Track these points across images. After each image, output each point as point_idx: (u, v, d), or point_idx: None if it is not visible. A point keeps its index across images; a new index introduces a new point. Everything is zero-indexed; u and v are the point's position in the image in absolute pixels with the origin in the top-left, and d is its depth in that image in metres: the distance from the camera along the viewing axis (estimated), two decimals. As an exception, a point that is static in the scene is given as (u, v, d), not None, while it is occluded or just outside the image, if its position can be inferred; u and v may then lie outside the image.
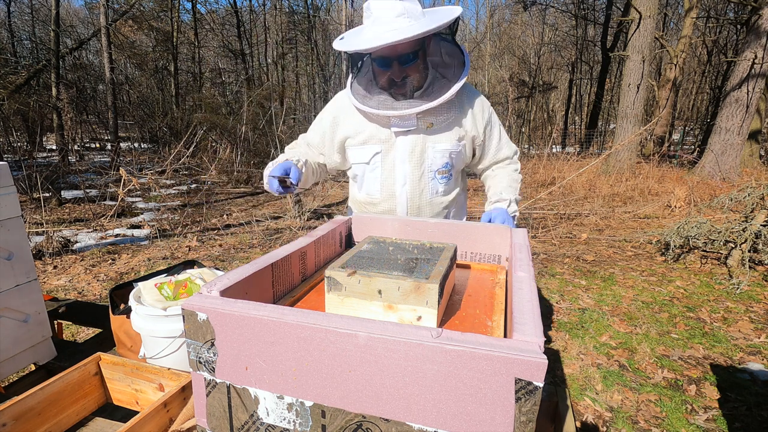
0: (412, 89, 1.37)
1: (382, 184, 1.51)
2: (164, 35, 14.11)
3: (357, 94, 1.45)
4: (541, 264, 4.41)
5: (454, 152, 1.47)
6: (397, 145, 1.46)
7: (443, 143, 1.45)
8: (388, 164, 1.48)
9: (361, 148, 1.49)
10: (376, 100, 1.41)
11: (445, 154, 1.46)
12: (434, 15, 1.34)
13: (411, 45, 1.30)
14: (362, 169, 1.53)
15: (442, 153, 1.46)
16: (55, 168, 8.57)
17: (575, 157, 9.75)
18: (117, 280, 3.90)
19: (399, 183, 1.49)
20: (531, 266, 0.79)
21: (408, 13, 1.27)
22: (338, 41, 1.39)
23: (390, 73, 1.35)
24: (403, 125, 1.42)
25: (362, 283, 0.72)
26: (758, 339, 2.94)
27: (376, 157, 1.49)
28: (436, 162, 1.46)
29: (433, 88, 1.38)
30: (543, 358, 0.49)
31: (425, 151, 1.45)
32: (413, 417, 0.56)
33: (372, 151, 1.48)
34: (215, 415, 0.67)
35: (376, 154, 1.48)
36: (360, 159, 1.51)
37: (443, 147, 1.45)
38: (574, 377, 2.55)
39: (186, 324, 0.64)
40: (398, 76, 1.35)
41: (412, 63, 1.33)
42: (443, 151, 1.46)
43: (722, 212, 4.68)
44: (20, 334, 1.21)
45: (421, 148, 1.45)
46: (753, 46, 8.04)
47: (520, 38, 22.73)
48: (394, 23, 1.27)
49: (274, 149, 7.84)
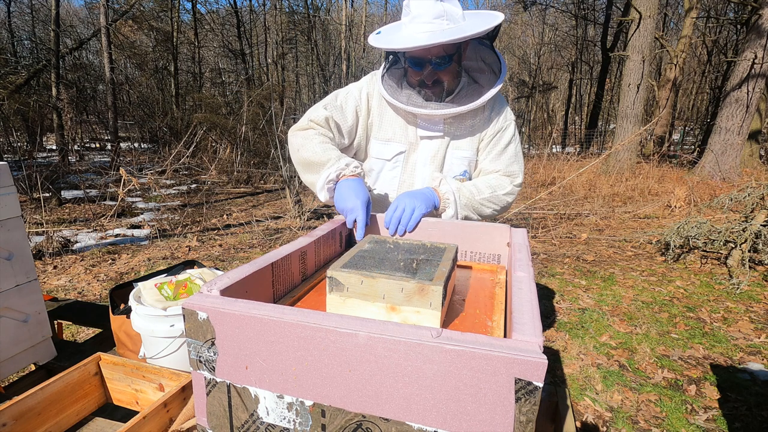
0: (443, 92, 1.33)
1: (400, 184, 1.47)
2: (164, 35, 14.11)
3: (387, 86, 1.39)
4: (541, 264, 4.41)
5: (473, 160, 1.44)
6: (421, 147, 1.42)
7: (464, 150, 1.42)
8: (409, 166, 1.45)
9: (386, 144, 1.44)
10: (406, 94, 1.36)
11: (464, 161, 1.43)
12: (475, 19, 1.29)
13: (446, 48, 1.25)
14: (381, 166, 1.47)
15: (461, 160, 1.42)
16: (55, 168, 8.58)
17: (575, 157, 9.75)
18: (117, 280, 3.90)
19: (417, 186, 1.44)
20: (531, 266, 0.79)
21: (447, 15, 1.22)
22: (374, 36, 1.35)
23: (422, 74, 1.31)
24: (430, 128, 1.38)
25: (365, 284, 0.72)
26: (758, 339, 2.94)
27: (398, 157, 1.44)
28: (454, 168, 1.43)
29: (464, 92, 1.35)
30: (543, 358, 0.49)
31: (446, 156, 1.42)
32: (413, 417, 0.56)
33: (396, 150, 1.43)
34: (215, 415, 0.67)
35: (400, 154, 1.43)
36: (382, 155, 1.45)
37: (463, 154, 1.42)
38: (574, 377, 2.55)
39: (186, 323, 0.64)
40: (430, 78, 1.31)
41: (446, 66, 1.29)
42: (463, 158, 1.42)
43: (722, 212, 4.68)
44: (20, 334, 1.21)
45: (443, 152, 1.41)
46: (753, 46, 8.04)
47: (520, 38, 22.74)
48: (431, 25, 1.23)
49: (274, 149, 7.84)
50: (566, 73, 21.30)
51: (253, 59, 17.38)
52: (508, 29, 22.89)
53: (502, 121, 1.43)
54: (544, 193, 6.58)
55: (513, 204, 1.56)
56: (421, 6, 1.23)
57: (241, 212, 6.72)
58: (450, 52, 1.26)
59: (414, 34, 1.24)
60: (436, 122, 1.39)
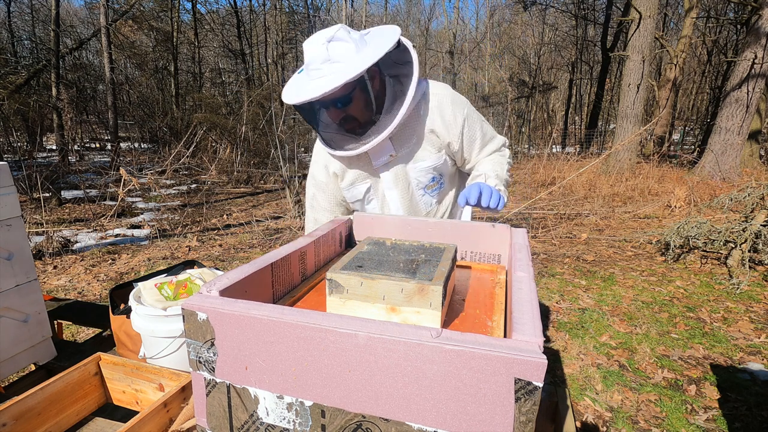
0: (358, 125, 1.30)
1: (381, 210, 1.51)
2: (164, 35, 14.11)
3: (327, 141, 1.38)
4: (541, 264, 4.41)
5: (438, 165, 1.42)
6: (382, 176, 1.43)
7: (424, 161, 1.40)
8: (380, 195, 1.48)
9: (353, 188, 1.47)
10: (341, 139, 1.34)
11: (428, 170, 1.42)
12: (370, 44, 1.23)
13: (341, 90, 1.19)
14: (360, 207, 1.52)
15: (425, 171, 1.41)
16: (55, 168, 8.58)
17: (575, 157, 9.75)
18: (117, 280, 3.90)
19: (393, 209, 1.47)
20: (531, 266, 0.79)
21: (333, 58, 1.16)
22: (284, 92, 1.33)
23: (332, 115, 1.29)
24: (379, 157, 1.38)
25: (364, 286, 0.72)
26: (758, 339, 2.94)
27: (369, 193, 1.48)
28: (422, 181, 1.43)
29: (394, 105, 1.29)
30: (542, 358, 0.49)
31: (408, 174, 1.42)
32: (413, 417, 0.56)
33: (363, 188, 1.47)
34: (215, 415, 0.67)
35: (368, 191, 1.47)
36: (356, 197, 1.49)
37: (425, 165, 1.40)
38: (574, 377, 2.55)
39: (186, 324, 0.64)
40: (336, 118, 1.29)
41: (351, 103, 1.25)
42: (426, 168, 1.41)
43: (722, 212, 4.68)
44: (20, 334, 1.21)
45: (403, 173, 1.41)
46: (753, 46, 8.04)
47: (520, 38, 22.74)
48: (319, 71, 1.19)
49: (274, 149, 7.84)
50: (566, 73, 21.30)
51: (253, 59, 17.37)
52: (508, 29, 22.90)
53: (459, 114, 1.37)
54: (544, 193, 6.58)
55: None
56: (308, 54, 1.20)
57: (241, 212, 6.72)
58: (348, 90, 1.21)
59: (304, 86, 1.22)
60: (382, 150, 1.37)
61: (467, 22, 37.27)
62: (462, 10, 43.21)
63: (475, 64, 22.42)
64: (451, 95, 1.38)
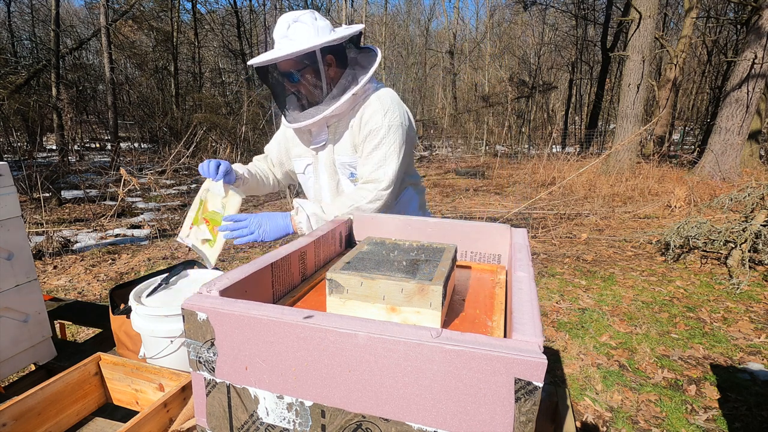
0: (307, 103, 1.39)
1: (315, 194, 1.56)
2: (164, 35, 14.11)
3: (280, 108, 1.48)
4: (541, 264, 4.41)
5: (353, 162, 1.43)
6: (319, 156, 1.49)
7: (342, 156, 1.43)
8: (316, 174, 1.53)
9: (299, 159, 1.55)
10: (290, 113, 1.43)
11: (347, 167, 1.44)
12: (330, 34, 1.33)
13: (291, 64, 1.31)
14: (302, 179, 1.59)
15: (344, 166, 1.44)
16: (55, 168, 8.58)
17: (575, 157, 9.75)
18: (117, 280, 3.90)
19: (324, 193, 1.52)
20: (531, 266, 0.79)
21: (290, 35, 1.29)
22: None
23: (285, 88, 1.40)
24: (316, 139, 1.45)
25: (364, 286, 0.72)
26: (758, 339, 2.94)
27: (308, 168, 1.54)
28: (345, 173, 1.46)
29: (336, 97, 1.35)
30: (542, 358, 0.49)
31: (334, 163, 1.46)
32: (413, 417, 0.56)
33: (304, 163, 1.54)
34: (215, 415, 0.67)
35: (308, 165, 1.53)
36: (298, 170, 1.58)
37: (342, 160, 1.44)
38: (574, 377, 2.55)
39: (186, 324, 0.64)
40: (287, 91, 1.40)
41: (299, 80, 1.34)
42: (343, 164, 1.44)
43: (722, 212, 4.68)
44: (20, 334, 1.21)
45: (331, 159, 1.46)
46: (753, 46, 8.04)
47: (520, 38, 22.75)
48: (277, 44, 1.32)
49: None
50: (566, 73, 21.30)
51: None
52: (508, 29, 22.91)
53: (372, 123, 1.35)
54: (544, 193, 6.58)
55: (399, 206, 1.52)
56: (276, 27, 1.33)
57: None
58: (298, 67, 1.32)
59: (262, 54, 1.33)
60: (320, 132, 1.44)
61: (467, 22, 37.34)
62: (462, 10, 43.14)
63: (475, 64, 22.41)
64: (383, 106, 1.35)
